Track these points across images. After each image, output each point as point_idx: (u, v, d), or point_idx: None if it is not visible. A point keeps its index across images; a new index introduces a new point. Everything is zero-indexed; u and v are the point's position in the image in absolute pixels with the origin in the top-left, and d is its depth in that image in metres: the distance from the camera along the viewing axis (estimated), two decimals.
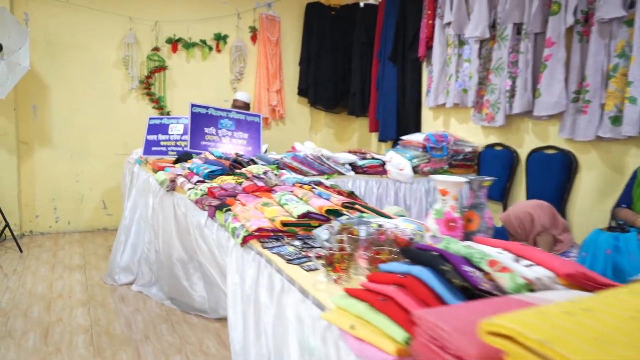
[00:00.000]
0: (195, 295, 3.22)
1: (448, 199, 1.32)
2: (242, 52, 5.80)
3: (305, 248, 1.70)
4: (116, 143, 5.42)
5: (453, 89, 4.39)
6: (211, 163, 2.95)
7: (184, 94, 5.64)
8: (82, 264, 4.28)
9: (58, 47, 5.14)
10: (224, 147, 3.47)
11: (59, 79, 5.18)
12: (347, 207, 1.93)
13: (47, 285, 3.74)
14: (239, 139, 3.55)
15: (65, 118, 5.23)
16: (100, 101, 5.35)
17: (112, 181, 5.41)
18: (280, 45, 5.98)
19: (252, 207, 2.04)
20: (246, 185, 2.34)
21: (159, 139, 3.96)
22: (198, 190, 2.54)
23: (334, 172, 3.78)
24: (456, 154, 4.20)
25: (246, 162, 2.83)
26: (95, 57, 5.28)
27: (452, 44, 4.39)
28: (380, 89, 5.34)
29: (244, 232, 1.83)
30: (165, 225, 3.26)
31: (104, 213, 5.48)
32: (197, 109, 3.50)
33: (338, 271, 1.38)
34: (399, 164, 4.01)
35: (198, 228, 2.53)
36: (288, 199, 1.99)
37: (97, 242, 5.02)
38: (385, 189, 3.97)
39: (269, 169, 2.53)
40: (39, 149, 5.18)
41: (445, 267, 1.02)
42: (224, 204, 2.17)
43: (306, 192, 2.07)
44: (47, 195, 5.24)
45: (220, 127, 3.50)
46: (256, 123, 3.65)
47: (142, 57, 5.45)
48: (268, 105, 5.92)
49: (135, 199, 3.91)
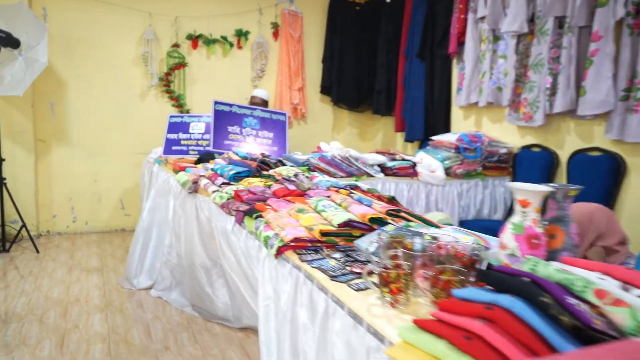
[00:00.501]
0: (218, 302, 3.05)
1: (529, 211, 1.12)
2: (264, 48, 5.64)
3: (348, 262, 1.51)
4: (134, 142, 5.29)
5: (487, 86, 4.17)
6: (236, 164, 2.78)
7: (203, 91, 5.49)
8: (100, 266, 4.15)
9: (76, 43, 5.02)
10: (248, 146, 3.30)
11: (77, 75, 5.06)
12: (391, 215, 1.74)
13: (63, 289, 3.60)
14: (264, 139, 3.37)
15: (83, 116, 5.11)
16: (118, 99, 5.22)
17: (130, 181, 5.28)
18: (303, 42, 5.80)
19: (286, 213, 1.85)
20: (276, 189, 2.15)
21: (180, 137, 3.80)
22: (223, 194, 2.37)
23: (362, 173, 3.58)
24: (490, 156, 3.98)
25: (274, 163, 2.65)
26: (114, 54, 5.16)
27: (486, 40, 4.17)
28: (407, 87, 5.13)
29: (278, 242, 1.64)
30: (188, 229, 3.10)
31: (121, 213, 5.35)
32: (221, 106, 3.32)
33: (395, 293, 1.19)
34: (430, 166, 3.81)
35: (223, 234, 2.36)
36: (325, 205, 1.80)
37: (115, 243, 4.89)
38: (416, 192, 3.77)
39: (300, 171, 2.35)
40: (57, 148, 5.07)
41: (546, 298, 0.82)
42: (253, 210, 1.99)
43: (345, 198, 1.88)
44: (64, 195, 5.13)
45: (245, 125, 3.32)
46: (282, 122, 3.47)
47: (161, 54, 5.31)
48: (290, 103, 5.74)
49: (154, 200, 3.76)
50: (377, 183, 3.63)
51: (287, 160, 2.98)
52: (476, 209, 3.98)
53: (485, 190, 4.00)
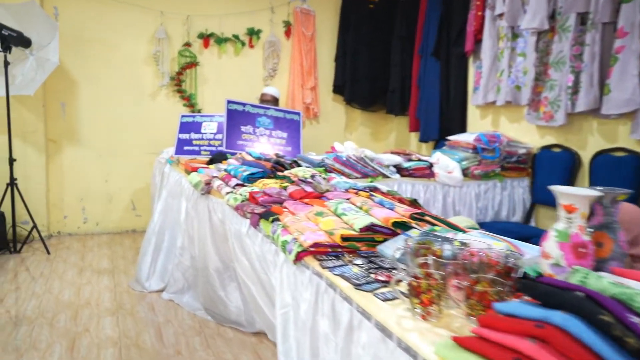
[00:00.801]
0: (231, 306, 2.98)
1: (575, 217, 1.03)
2: (276, 47, 5.57)
3: (372, 269, 1.43)
4: (145, 142, 5.24)
5: (505, 85, 4.06)
6: (250, 164, 2.70)
7: (215, 91, 5.43)
8: (111, 268, 4.10)
9: (87, 43, 4.98)
10: (261, 146, 3.23)
11: (88, 75, 5.02)
12: (416, 219, 1.66)
13: (74, 291, 3.55)
14: (278, 139, 3.29)
15: (94, 116, 5.07)
16: (129, 98, 5.18)
17: (141, 181, 5.23)
18: (315, 41, 5.73)
19: (304, 216, 1.77)
20: (293, 191, 2.08)
21: (192, 137, 3.74)
22: (237, 195, 2.29)
23: (378, 174, 3.50)
24: (509, 156, 3.88)
25: (289, 163, 2.58)
26: (125, 53, 5.11)
27: (505, 37, 4.06)
28: (421, 86, 5.04)
29: (297, 247, 1.57)
30: (200, 231, 3.03)
31: (132, 214, 5.31)
32: (234, 105, 3.25)
33: (426, 304, 1.11)
34: (447, 166, 3.72)
35: (237, 237, 2.29)
36: (346, 209, 1.72)
37: (126, 244, 4.84)
38: (433, 193, 3.68)
39: (317, 172, 2.27)
40: (68, 148, 5.04)
41: (605, 316, 0.74)
42: (269, 212, 1.91)
43: (365, 200, 1.80)
44: (75, 196, 5.10)
45: (258, 125, 3.24)
46: (296, 122, 3.39)
47: (172, 53, 5.26)
48: (302, 103, 5.66)
49: (166, 201, 3.70)
50: (393, 184, 3.54)
51: (302, 160, 2.90)
52: (494, 211, 3.87)
53: (503, 191, 3.89)
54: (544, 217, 3.90)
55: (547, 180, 3.81)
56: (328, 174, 2.34)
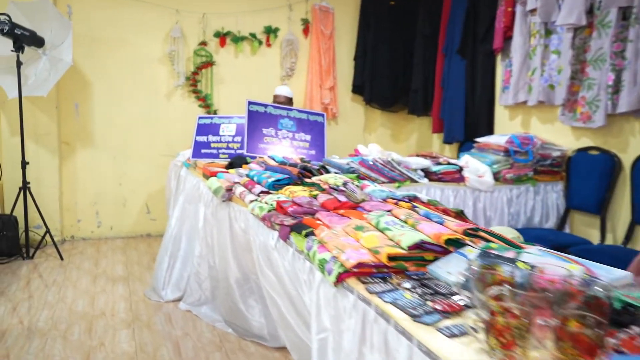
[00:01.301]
0: (253, 319, 2.82)
1: None
2: (294, 46, 5.40)
3: (427, 294, 1.25)
4: (160, 144, 5.11)
5: (537, 84, 3.86)
6: (274, 170, 2.54)
7: (231, 91, 5.28)
8: (126, 275, 3.96)
9: (101, 42, 4.85)
10: (283, 150, 3.06)
11: (102, 75, 4.89)
12: (469, 235, 1.48)
13: (88, 300, 3.41)
14: (301, 141, 3.12)
15: (108, 117, 4.95)
16: (144, 99, 5.04)
17: (156, 184, 5.10)
18: (334, 39, 5.55)
19: (342, 231, 1.60)
20: (325, 201, 1.91)
21: (210, 140, 3.59)
22: (263, 204, 2.13)
23: (405, 179, 3.32)
24: (542, 159, 3.68)
25: (316, 169, 2.41)
26: (140, 52, 4.98)
27: (537, 34, 3.86)
28: (445, 85, 4.85)
29: (338, 267, 1.40)
30: (220, 240, 2.87)
31: (147, 218, 5.17)
32: (255, 107, 3.09)
33: (508, 347, 0.93)
34: (477, 170, 3.52)
35: (263, 249, 2.12)
36: (389, 223, 1.54)
37: (141, 249, 4.70)
38: (463, 198, 3.49)
39: (349, 180, 2.10)
40: (81, 150, 4.91)
41: None
42: (301, 225, 1.74)
43: (409, 213, 1.62)
44: (89, 199, 4.97)
45: (280, 127, 3.07)
46: (320, 123, 3.22)
47: (188, 52, 5.12)
48: (320, 103, 5.49)
49: (183, 207, 3.55)
50: (422, 189, 3.36)
51: (330, 165, 2.73)
52: (526, 217, 3.68)
53: (536, 196, 3.70)
54: (580, 223, 3.70)
55: (582, 184, 3.61)
56: (361, 181, 2.16)
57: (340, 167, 2.72)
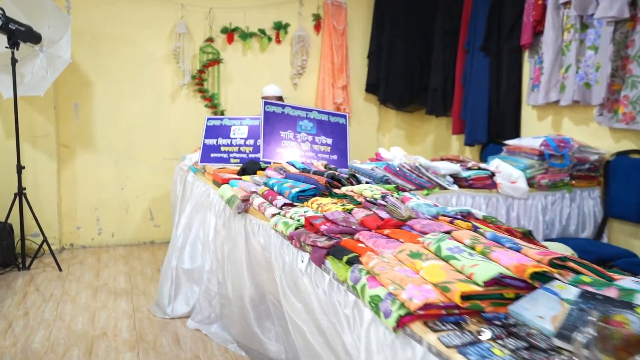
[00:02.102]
0: (269, 343, 2.54)
1: None
2: (305, 42, 5.12)
3: (522, 349, 0.98)
4: (165, 146, 4.84)
5: (571, 82, 3.57)
6: (295, 178, 2.26)
7: (239, 90, 5.01)
8: (128, 287, 3.68)
9: (102, 39, 4.58)
10: (302, 155, 2.78)
11: (103, 74, 4.62)
12: (557, 267, 1.20)
13: (88, 318, 3.14)
14: (322, 145, 2.84)
15: (109, 118, 4.67)
16: (148, 99, 4.77)
17: (160, 189, 4.82)
18: (347, 35, 5.27)
19: (393, 258, 1.33)
20: (365, 218, 1.63)
21: (220, 143, 3.31)
22: (288, 220, 1.85)
23: (434, 185, 3.04)
24: (580, 163, 3.40)
25: (346, 178, 2.13)
26: (143, 50, 4.71)
27: (572, 28, 3.58)
28: (467, 84, 4.56)
29: (398, 308, 1.12)
30: (233, 255, 2.60)
31: (150, 224, 4.90)
32: (271, 107, 2.80)
33: None
34: (510, 176, 3.25)
35: (288, 272, 1.85)
36: (453, 249, 1.27)
37: (144, 258, 4.43)
38: (495, 206, 3.21)
39: (387, 191, 1.82)
40: (81, 153, 4.64)
41: None
42: (341, 248, 1.47)
43: (474, 236, 1.35)
44: (89, 205, 4.70)
45: (299, 130, 2.79)
46: (342, 125, 2.93)
47: (194, 49, 4.84)
48: (332, 103, 5.22)
49: (191, 216, 3.28)
50: (452, 197, 3.09)
51: (359, 173, 2.45)
52: (562, 226, 3.40)
53: (572, 203, 3.42)
54: (619, 232, 3.42)
55: (623, 191, 3.33)
56: (401, 193, 1.89)
57: (371, 175, 2.44)
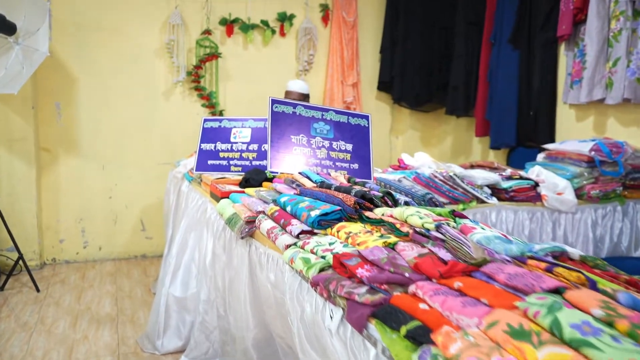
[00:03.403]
0: None
1: None
2: (312, 36, 4.66)
3: None
4: (158, 150, 4.38)
5: (621, 78, 3.12)
6: (313, 195, 1.80)
7: (239, 88, 4.56)
8: (114, 313, 3.22)
9: (87, 30, 4.12)
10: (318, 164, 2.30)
11: (88, 69, 4.16)
12: None
13: (64, 353, 2.68)
14: (340, 152, 2.36)
15: (95, 118, 4.21)
16: (139, 97, 4.31)
17: (152, 197, 4.37)
18: (358, 28, 4.81)
19: (482, 336, 0.87)
20: (419, 259, 1.17)
21: (218, 148, 2.85)
22: (309, 256, 1.40)
23: (471, 199, 2.58)
24: (634, 171, 2.94)
25: (380, 197, 1.67)
26: (133, 43, 4.25)
27: (621, 16, 3.12)
28: (493, 81, 4.11)
29: None
30: (235, 285, 2.14)
31: (142, 236, 4.44)
32: (280, 106, 2.33)
33: None
34: (556, 186, 2.79)
35: (309, 325, 1.39)
36: (582, 328, 0.81)
37: (134, 275, 3.97)
38: (539, 222, 2.76)
39: (442, 217, 1.36)
40: (64, 158, 4.17)
41: None
42: (394, 310, 1.01)
43: (605, 302, 0.89)
44: (73, 215, 4.24)
45: (314, 134, 2.32)
46: (364, 128, 2.46)
47: (190, 43, 4.38)
48: (342, 102, 4.77)
49: (185, 234, 2.82)
50: (491, 211, 2.63)
51: (394, 189, 1.99)
52: (612, 243, 2.94)
53: (624, 217, 2.96)
54: None
55: None
56: (459, 220, 1.42)
57: (409, 192, 1.96)
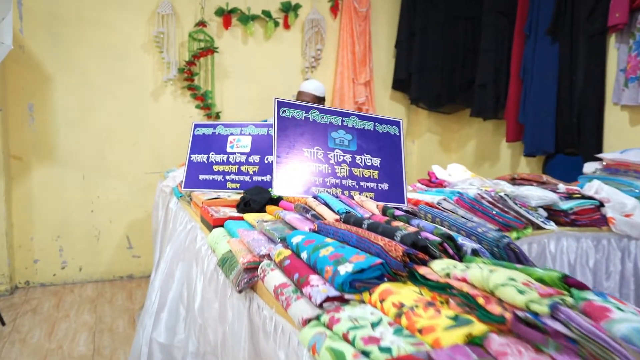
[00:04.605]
0: None
1: None
2: (320, 28, 4.16)
3: None
4: (145, 157, 3.88)
5: None
6: (337, 235, 1.29)
7: (238, 87, 4.07)
8: (89, 353, 2.72)
9: (65, 22, 3.62)
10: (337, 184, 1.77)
11: (66, 66, 3.66)
12: None
13: None
14: (365, 169, 1.82)
15: (74, 122, 3.72)
16: (123, 98, 3.82)
17: (139, 210, 3.88)
18: (371, 19, 4.31)
19: None
20: None
21: (212, 160, 2.35)
22: (342, 346, 0.89)
23: (525, 224, 2.07)
24: None
25: (438, 243, 1.13)
26: (117, 35, 3.75)
27: None
28: (528, 78, 3.60)
29: None
30: (230, 344, 1.63)
31: (128, 254, 3.94)
32: (289, 111, 1.78)
33: None
34: (623, 206, 2.28)
35: None
36: None
37: (117, 302, 3.46)
38: (606, 251, 2.25)
39: (550, 289, 0.86)
40: (38, 167, 3.67)
41: None
42: None
43: None
44: (50, 232, 3.74)
45: (332, 145, 1.80)
46: (395, 138, 1.90)
47: (182, 36, 3.88)
48: (353, 103, 4.27)
49: (171, 263, 2.32)
50: (549, 240, 2.12)
51: (445, 224, 1.47)
52: None
53: None
54: None
55: None
56: (577, 293, 0.90)
57: (476, 233, 1.44)
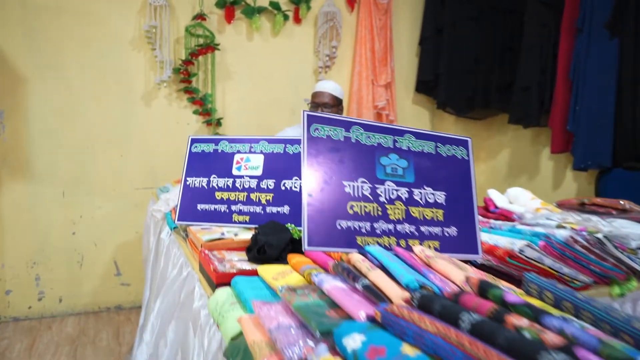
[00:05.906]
0: None
1: None
2: (335, 22, 3.68)
3: None
4: (136, 171, 3.40)
5: None
6: (419, 341, 0.79)
7: (242, 90, 3.60)
8: None
9: (42, 14, 3.14)
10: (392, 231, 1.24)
11: (44, 66, 3.18)
12: None
13: None
14: (427, 208, 1.27)
15: (53, 131, 3.23)
16: (110, 103, 3.34)
17: (129, 231, 3.39)
18: (392, 13, 3.82)
19: None
20: None
21: (213, 185, 1.85)
22: None
23: (625, 274, 1.57)
24: None
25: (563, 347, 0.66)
26: (103, 30, 3.28)
27: None
28: (579, 79, 3.13)
29: None
30: None
31: (116, 282, 3.45)
32: (324, 128, 1.22)
33: None
34: None
35: None
36: None
37: (102, 342, 2.97)
38: None
39: None
40: (10, 183, 3.18)
41: None
42: None
43: None
44: (24, 258, 3.25)
45: (382, 176, 1.28)
46: (463, 162, 1.37)
47: (177, 31, 3.41)
48: (372, 107, 3.79)
49: (162, 319, 1.83)
50: None
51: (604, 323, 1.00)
52: None
53: None
54: None
55: None
56: None
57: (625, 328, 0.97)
